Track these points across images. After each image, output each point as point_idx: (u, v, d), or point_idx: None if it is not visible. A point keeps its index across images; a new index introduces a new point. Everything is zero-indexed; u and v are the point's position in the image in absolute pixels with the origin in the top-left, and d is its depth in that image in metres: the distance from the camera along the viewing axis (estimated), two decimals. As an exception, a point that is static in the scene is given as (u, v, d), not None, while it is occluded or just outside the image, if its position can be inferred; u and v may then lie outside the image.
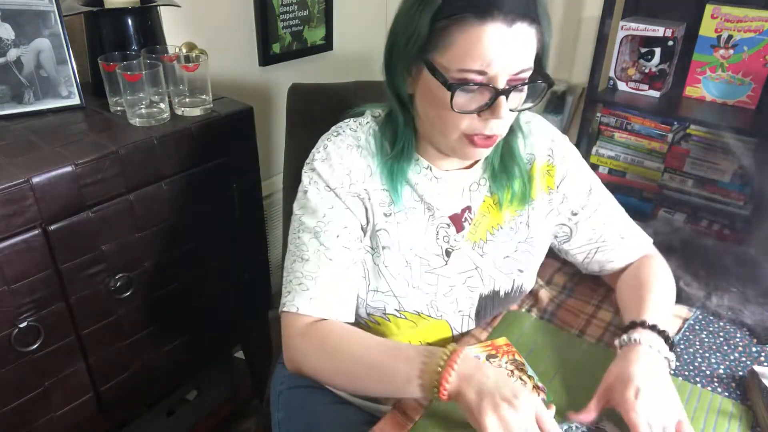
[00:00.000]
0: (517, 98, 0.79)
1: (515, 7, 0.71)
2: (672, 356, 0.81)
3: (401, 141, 0.86)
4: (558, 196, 0.95)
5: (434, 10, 0.73)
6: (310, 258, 0.84)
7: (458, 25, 0.72)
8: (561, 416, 0.78)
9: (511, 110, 0.77)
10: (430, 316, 0.92)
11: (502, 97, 0.74)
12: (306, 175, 0.87)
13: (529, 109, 0.82)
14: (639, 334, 0.82)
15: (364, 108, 0.94)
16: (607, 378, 0.78)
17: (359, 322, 0.93)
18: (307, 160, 0.88)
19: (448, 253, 0.91)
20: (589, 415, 0.77)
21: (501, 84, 0.74)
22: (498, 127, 0.78)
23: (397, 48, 0.79)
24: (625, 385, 0.75)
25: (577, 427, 0.77)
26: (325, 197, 0.85)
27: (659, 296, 0.91)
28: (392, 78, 0.83)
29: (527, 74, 0.76)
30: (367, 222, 0.88)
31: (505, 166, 0.91)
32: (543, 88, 0.79)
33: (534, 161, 0.94)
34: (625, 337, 0.83)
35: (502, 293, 0.95)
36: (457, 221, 0.91)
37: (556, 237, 1.00)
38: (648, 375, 0.75)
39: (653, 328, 0.83)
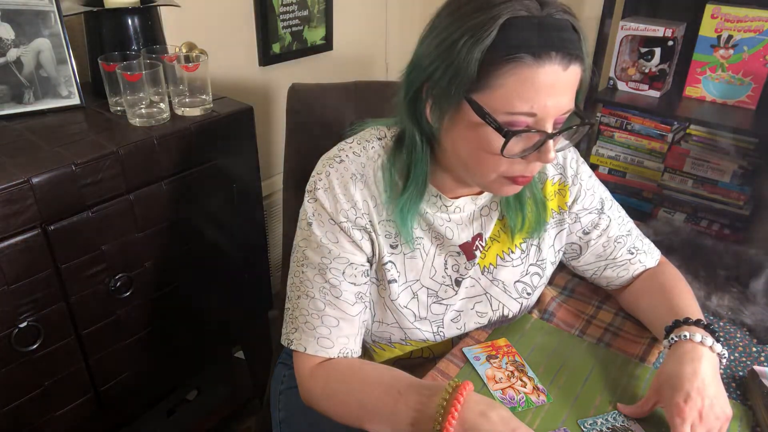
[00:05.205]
0: (560, 138, 0.75)
1: (571, 49, 0.67)
2: (725, 352, 0.79)
3: (417, 178, 0.80)
4: (570, 216, 0.93)
5: (485, 47, 0.66)
6: (316, 295, 0.82)
7: (512, 65, 0.66)
8: (560, 417, 0.78)
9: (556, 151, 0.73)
10: (435, 342, 0.93)
11: (551, 141, 0.71)
12: (309, 205, 0.82)
13: (566, 147, 0.79)
14: (687, 331, 0.80)
15: (367, 124, 0.88)
16: (658, 378, 0.78)
17: (365, 346, 0.92)
18: (309, 187, 0.83)
19: (458, 283, 0.89)
20: (639, 411, 0.78)
21: (549, 127, 0.70)
22: (539, 167, 0.76)
23: (434, 81, 0.72)
24: (674, 389, 0.74)
25: (602, 423, 0.77)
26: (329, 231, 0.81)
27: (690, 297, 0.91)
28: (414, 108, 0.77)
29: (568, 114, 0.73)
30: (373, 254, 0.85)
31: (518, 193, 0.85)
32: (585, 130, 0.75)
33: (546, 180, 0.91)
34: (674, 335, 0.81)
35: (510, 316, 0.95)
36: (468, 250, 0.88)
37: (564, 253, 0.98)
38: (698, 377, 0.74)
39: (699, 323, 0.81)
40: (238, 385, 1.64)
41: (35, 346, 1.00)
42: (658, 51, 1.70)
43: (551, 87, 0.68)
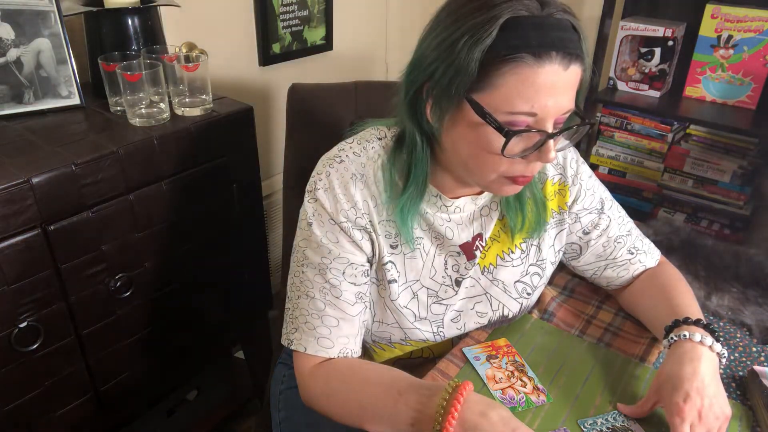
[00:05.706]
0: (561, 138, 0.75)
1: (571, 49, 0.67)
2: (724, 352, 0.79)
3: (417, 178, 0.80)
4: (570, 216, 0.93)
5: (486, 47, 0.66)
6: (316, 296, 0.82)
7: (512, 65, 0.66)
8: (560, 417, 0.78)
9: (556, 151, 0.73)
10: (435, 342, 0.92)
11: (551, 141, 0.71)
12: (309, 206, 0.82)
13: (566, 147, 0.79)
14: (687, 330, 0.80)
15: (367, 124, 0.88)
16: (658, 378, 0.78)
17: (365, 346, 0.92)
18: (309, 187, 0.83)
19: (458, 283, 0.89)
20: (639, 411, 0.77)
21: (549, 126, 0.70)
22: (539, 167, 0.76)
23: (434, 81, 0.71)
24: (674, 388, 0.74)
25: (602, 423, 0.77)
26: (329, 231, 0.81)
27: (690, 297, 0.91)
28: (414, 108, 0.77)
29: (568, 114, 0.73)
30: (373, 254, 0.85)
31: (518, 193, 0.84)
32: (585, 130, 0.75)
33: (546, 180, 0.91)
34: (673, 335, 0.81)
35: (510, 316, 0.95)
36: (468, 250, 0.88)
37: (564, 253, 0.98)
38: (698, 377, 0.74)
39: (698, 323, 0.81)
40: (238, 385, 1.64)
41: (35, 346, 1.00)
42: (658, 51, 1.70)
43: (552, 87, 0.68)
